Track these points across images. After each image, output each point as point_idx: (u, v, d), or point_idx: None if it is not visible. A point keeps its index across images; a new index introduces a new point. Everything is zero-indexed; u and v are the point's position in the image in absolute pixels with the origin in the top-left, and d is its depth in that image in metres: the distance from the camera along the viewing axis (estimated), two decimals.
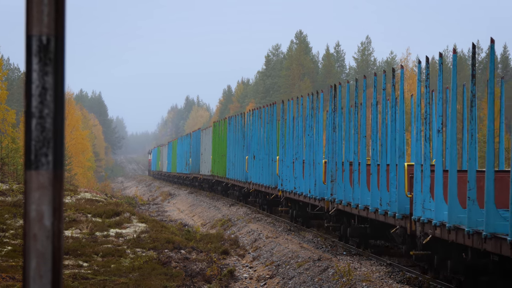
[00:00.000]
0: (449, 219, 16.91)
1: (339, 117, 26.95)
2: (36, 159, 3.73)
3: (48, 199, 3.73)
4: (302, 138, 31.87)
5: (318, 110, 29.71)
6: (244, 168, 43.81)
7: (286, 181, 33.87)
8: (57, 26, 3.76)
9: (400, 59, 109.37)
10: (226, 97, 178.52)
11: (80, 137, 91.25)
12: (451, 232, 16.93)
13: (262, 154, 39.37)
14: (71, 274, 20.24)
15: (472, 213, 15.83)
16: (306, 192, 30.48)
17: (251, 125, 42.88)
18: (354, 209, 24.71)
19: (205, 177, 61.19)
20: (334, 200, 26.80)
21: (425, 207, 18.66)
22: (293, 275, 21.85)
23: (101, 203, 40.09)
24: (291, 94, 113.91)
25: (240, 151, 45.48)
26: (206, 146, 60.92)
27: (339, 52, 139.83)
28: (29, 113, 3.75)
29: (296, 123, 32.66)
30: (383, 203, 22.04)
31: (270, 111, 38.34)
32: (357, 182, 24.42)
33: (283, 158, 34.48)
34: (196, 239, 29.98)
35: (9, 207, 31.70)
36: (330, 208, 27.36)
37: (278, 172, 35.51)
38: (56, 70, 3.76)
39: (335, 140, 27.16)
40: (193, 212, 48.71)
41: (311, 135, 30.21)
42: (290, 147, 33.51)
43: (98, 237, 27.61)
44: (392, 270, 20.59)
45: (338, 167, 26.57)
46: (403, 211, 20.66)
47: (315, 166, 29.57)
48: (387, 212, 21.70)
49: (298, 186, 31.77)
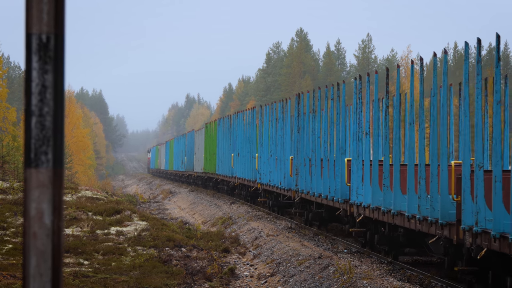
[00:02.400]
0: (372, 202, 22.32)
1: (301, 121, 31.84)
2: (36, 157, 3.74)
3: (48, 197, 3.73)
4: (275, 138, 36.73)
5: (287, 114, 34.87)
6: (231, 164, 48.17)
7: (263, 175, 38.61)
8: (57, 25, 3.76)
9: (401, 56, 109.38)
10: (227, 95, 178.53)
11: (80, 135, 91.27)
12: (374, 211, 22.31)
13: (245, 152, 44.04)
14: (72, 272, 20.25)
15: (386, 196, 21.16)
16: (278, 184, 35.47)
17: (236, 126, 47.37)
18: (312, 196, 29.50)
19: (199, 174, 65.11)
20: (298, 190, 31.58)
21: (358, 193, 23.76)
22: (294, 273, 21.86)
23: (101, 201, 40.10)
24: (292, 92, 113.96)
25: (227, 149, 49.76)
26: (199, 145, 64.85)
27: (339, 49, 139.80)
28: (29, 111, 3.75)
29: (271, 125, 37.85)
30: (331, 191, 26.80)
31: (251, 114, 43.32)
32: (314, 174, 29.21)
33: (261, 155, 39.38)
34: (197, 237, 30.00)
35: (9, 205, 31.72)
36: (295, 196, 32.19)
37: (257, 167, 39.98)
38: (56, 68, 3.76)
39: (299, 140, 31.86)
40: (194, 210, 48.74)
41: (282, 135, 35.51)
42: (266, 146, 38.56)
43: (99, 235, 27.61)
44: (393, 268, 20.60)
45: (301, 162, 31.47)
46: (345, 196, 25.77)
47: (284, 162, 34.63)
48: (334, 198, 26.58)
49: (272, 179, 36.66)
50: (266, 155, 38.17)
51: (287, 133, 34.71)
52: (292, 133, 33.77)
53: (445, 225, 17.64)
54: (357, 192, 23.83)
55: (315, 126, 29.46)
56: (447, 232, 17.58)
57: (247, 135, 43.83)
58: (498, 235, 14.93)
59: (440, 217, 17.70)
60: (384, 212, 21.33)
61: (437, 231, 18.05)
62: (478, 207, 15.65)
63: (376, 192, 22.20)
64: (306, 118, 31.14)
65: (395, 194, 20.65)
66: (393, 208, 20.63)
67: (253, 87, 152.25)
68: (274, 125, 37.03)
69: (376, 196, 22.16)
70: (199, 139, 64.79)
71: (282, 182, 34.61)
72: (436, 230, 18.13)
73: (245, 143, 44.29)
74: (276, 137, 36.45)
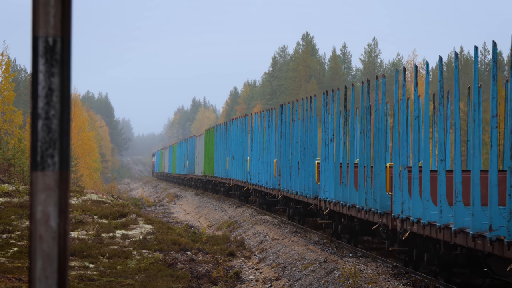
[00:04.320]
0: (335, 197, 26.84)
1: (283, 128, 36.11)
2: (42, 160, 3.74)
3: (54, 200, 3.74)
4: (262, 143, 41.29)
5: (272, 122, 39.37)
6: (226, 167, 52.00)
7: (253, 176, 42.93)
8: (64, 27, 3.76)
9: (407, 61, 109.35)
10: (233, 99, 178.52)
11: (86, 138, 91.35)
12: (335, 205, 26.82)
13: (238, 155, 48.01)
14: (77, 275, 20.26)
15: (344, 192, 25.75)
16: (265, 184, 39.81)
17: (231, 132, 51.22)
18: (291, 194, 33.71)
19: (199, 177, 68.61)
20: (281, 188, 35.95)
21: (325, 190, 28.19)
22: (299, 277, 21.84)
23: (107, 204, 40.13)
24: (298, 96, 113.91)
25: (224, 153, 53.67)
26: (199, 150, 68.57)
27: (345, 53, 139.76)
28: (35, 114, 3.75)
29: (260, 132, 42.34)
30: (306, 189, 31.19)
31: (243, 121, 47.49)
32: (293, 175, 33.50)
33: (251, 158, 43.63)
34: (202, 241, 29.99)
35: (15, 208, 31.74)
36: (279, 195, 36.51)
37: (248, 169, 44.21)
38: (62, 71, 3.76)
39: (281, 145, 36.26)
40: (199, 214, 48.74)
41: (268, 141, 39.92)
42: (256, 150, 42.87)
43: (104, 239, 27.62)
44: (398, 272, 20.58)
45: (283, 164, 35.73)
46: (316, 193, 30.07)
47: (270, 164, 39.00)
48: (307, 195, 30.84)
49: (260, 179, 41.11)
50: (256, 158, 42.42)
51: (272, 138, 39.18)
52: (276, 138, 38.16)
53: (383, 214, 22.03)
54: (324, 190, 28.36)
55: (293, 133, 33.95)
56: (385, 220, 21.86)
57: (240, 140, 47.77)
58: (416, 220, 19.10)
59: (380, 208, 22.19)
60: (342, 205, 25.97)
61: (378, 219, 22.44)
62: (403, 199, 20.03)
63: (337, 189, 26.64)
64: (288, 126, 35.33)
65: (350, 190, 25.13)
66: (349, 201, 25.13)
67: (259, 91, 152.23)
68: (262, 132, 41.76)
69: (337, 192, 26.64)
70: (200, 144, 68.29)
71: (268, 182, 39.04)
72: (378, 218, 22.51)
73: (238, 147, 48.16)
74: (263, 142, 41.02)
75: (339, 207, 26.37)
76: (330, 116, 28.28)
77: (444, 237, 17.53)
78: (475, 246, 16.19)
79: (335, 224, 27.52)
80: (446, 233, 17.42)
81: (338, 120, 26.88)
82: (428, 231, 18.42)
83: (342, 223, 26.57)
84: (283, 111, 36.03)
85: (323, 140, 28.47)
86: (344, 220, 26.38)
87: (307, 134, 31.53)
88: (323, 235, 29.01)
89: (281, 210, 37.65)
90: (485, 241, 15.57)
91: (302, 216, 33.63)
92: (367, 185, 23.18)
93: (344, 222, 26.41)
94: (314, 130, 31.02)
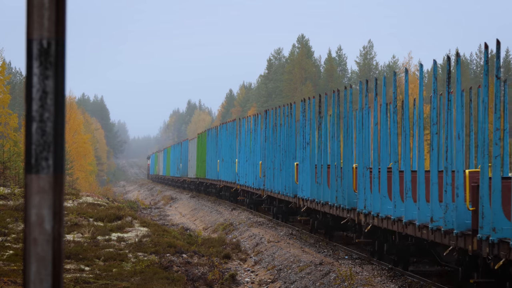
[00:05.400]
0: (311, 195, 29.20)
1: (268, 132, 38.60)
2: (37, 163, 3.73)
3: (49, 203, 3.73)
4: (249, 146, 43.69)
5: (258, 126, 41.92)
6: (217, 169, 54.45)
7: (241, 177, 45.27)
8: (58, 30, 3.76)
9: (402, 63, 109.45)
10: (228, 101, 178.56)
11: (82, 141, 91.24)
12: (312, 203, 29.15)
13: (228, 158, 50.48)
14: (73, 278, 20.23)
15: (319, 190, 28.14)
16: (251, 185, 42.34)
17: (221, 135, 53.72)
18: (275, 194, 36.19)
19: (192, 179, 71.04)
20: (265, 188, 38.34)
21: (303, 189, 30.65)
22: (295, 279, 21.84)
23: (103, 207, 40.10)
24: (293, 98, 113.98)
25: (215, 156, 56.05)
26: (192, 153, 70.67)
27: (341, 56, 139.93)
28: (29, 117, 3.74)
29: (247, 135, 44.78)
30: (286, 188, 33.82)
31: (232, 125, 50.05)
32: (275, 176, 36.13)
33: (240, 160, 46.02)
34: (198, 243, 29.98)
35: (11, 211, 31.70)
36: (264, 194, 38.91)
37: (237, 171, 46.40)
38: (56, 74, 3.76)
39: (266, 148, 38.92)
40: (195, 216, 48.72)
41: (254, 144, 42.45)
42: (243, 152, 45.23)
43: (100, 241, 27.60)
44: (393, 275, 20.59)
45: (267, 166, 38.24)
46: (295, 192, 32.50)
47: (256, 166, 41.40)
48: (288, 194, 33.55)
49: (247, 180, 43.53)
50: (243, 160, 44.88)
51: (258, 142, 41.70)
52: (261, 142, 40.65)
53: (350, 210, 24.56)
54: (302, 189, 30.75)
55: (276, 137, 36.56)
56: (353, 215, 24.27)
57: (229, 143, 50.30)
58: (376, 214, 21.75)
59: (348, 204, 24.76)
60: (317, 203, 28.31)
61: (347, 214, 24.85)
62: (365, 195, 22.68)
63: (313, 188, 28.95)
64: (271, 130, 37.90)
65: (323, 189, 27.46)
66: (323, 199, 27.49)
67: (254, 93, 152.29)
68: (249, 135, 44.25)
69: (313, 191, 28.94)
70: (192, 147, 70.46)
71: (254, 183, 41.55)
72: (346, 214, 24.90)
73: (227, 150, 50.63)
74: (250, 145, 43.51)
75: (314, 205, 28.78)
76: (307, 122, 30.77)
77: (398, 229, 20.19)
78: (422, 236, 18.78)
79: (312, 220, 29.98)
80: (399, 225, 20.09)
81: (313, 125, 29.81)
82: (385, 223, 21.09)
83: (318, 219, 29.01)
84: (267, 117, 38.80)
85: (301, 144, 31.18)
86: (319, 216, 28.79)
87: (288, 138, 34.32)
88: (304, 231, 31.43)
89: (266, 209, 39.76)
90: (428, 231, 18.25)
91: (284, 214, 36.10)
92: (338, 184, 25.79)
93: (319, 218, 28.80)
94: (293, 134, 33.72)
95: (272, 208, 37.87)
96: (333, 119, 26.61)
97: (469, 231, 16.26)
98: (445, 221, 17.15)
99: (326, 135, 27.85)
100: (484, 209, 15.19)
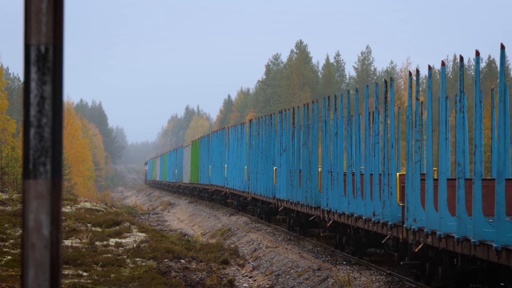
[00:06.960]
0: (286, 196, 32.92)
1: (251, 140, 42.46)
2: (34, 168, 3.73)
3: (46, 208, 3.73)
4: (236, 152, 47.41)
5: (244, 134, 45.93)
6: (209, 174, 57.87)
7: (230, 181, 48.72)
8: (56, 36, 3.76)
9: (400, 68, 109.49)
10: (227, 107, 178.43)
11: (80, 147, 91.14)
12: (287, 203, 33.02)
13: (218, 164, 53.95)
14: (71, 283, 20.21)
15: (293, 192, 31.71)
16: (238, 188, 45.85)
17: (213, 142, 57.41)
18: (257, 196, 39.67)
19: (186, 184, 73.92)
20: (250, 191, 41.80)
21: (280, 191, 34.36)
22: (293, 285, 21.82)
23: (101, 212, 40.06)
24: (291, 104, 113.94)
25: (207, 162, 59.53)
26: (187, 159, 73.82)
27: (339, 61, 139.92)
28: (27, 123, 3.74)
29: (234, 143, 48.28)
30: (267, 191, 37.52)
31: (222, 133, 54.27)
32: (258, 179, 39.71)
33: (228, 166, 49.51)
34: (196, 249, 29.95)
35: (9, 217, 31.67)
36: (249, 197, 42.41)
37: (226, 175, 49.75)
38: (54, 79, 3.76)
39: (250, 154, 42.65)
40: (193, 222, 48.69)
41: (240, 150, 46.30)
42: (231, 158, 48.79)
43: (98, 247, 27.57)
44: (392, 280, 20.56)
45: (251, 170, 41.86)
46: (274, 194, 36.09)
47: (242, 170, 45.02)
48: (268, 196, 37.21)
49: (235, 184, 47.00)
50: (232, 165, 48.35)
51: (244, 148, 45.61)
52: (246, 148, 44.59)
53: (317, 208, 28.19)
54: (279, 190, 34.52)
55: (258, 144, 40.33)
56: (318, 212, 28.05)
57: (220, 150, 53.93)
58: (335, 211, 25.59)
59: (314, 203, 28.47)
60: (291, 202, 31.85)
61: (314, 212, 28.57)
62: (327, 195, 26.66)
63: (288, 189, 32.46)
64: (254, 138, 41.77)
65: (296, 190, 31.17)
66: (295, 199, 31.12)
67: (252, 99, 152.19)
68: (236, 142, 47.84)
69: (288, 192, 32.46)
70: (187, 154, 73.66)
71: (241, 186, 45.05)
72: (314, 211, 28.59)
73: (218, 156, 54.27)
74: (237, 151, 47.20)
75: (290, 204, 32.38)
76: (283, 131, 34.57)
77: (351, 223, 24.09)
78: (368, 228, 22.66)
79: (289, 218, 33.57)
80: (352, 219, 23.94)
81: (289, 134, 33.39)
82: (342, 218, 24.98)
83: (293, 217, 32.63)
84: (251, 126, 43.25)
85: (279, 150, 35.33)
86: (294, 215, 32.40)
87: (268, 145, 38.34)
88: (283, 229, 34.65)
89: (252, 210, 43.23)
90: (372, 223, 22.20)
91: (267, 214, 39.29)
92: (307, 186, 29.46)
93: (294, 217, 32.43)
94: (273, 142, 37.62)
95: (256, 209, 41.53)
96: (304, 129, 30.65)
97: (400, 223, 20.09)
98: (383, 215, 21.11)
99: (298, 143, 31.55)
100: (409, 204, 18.80)
